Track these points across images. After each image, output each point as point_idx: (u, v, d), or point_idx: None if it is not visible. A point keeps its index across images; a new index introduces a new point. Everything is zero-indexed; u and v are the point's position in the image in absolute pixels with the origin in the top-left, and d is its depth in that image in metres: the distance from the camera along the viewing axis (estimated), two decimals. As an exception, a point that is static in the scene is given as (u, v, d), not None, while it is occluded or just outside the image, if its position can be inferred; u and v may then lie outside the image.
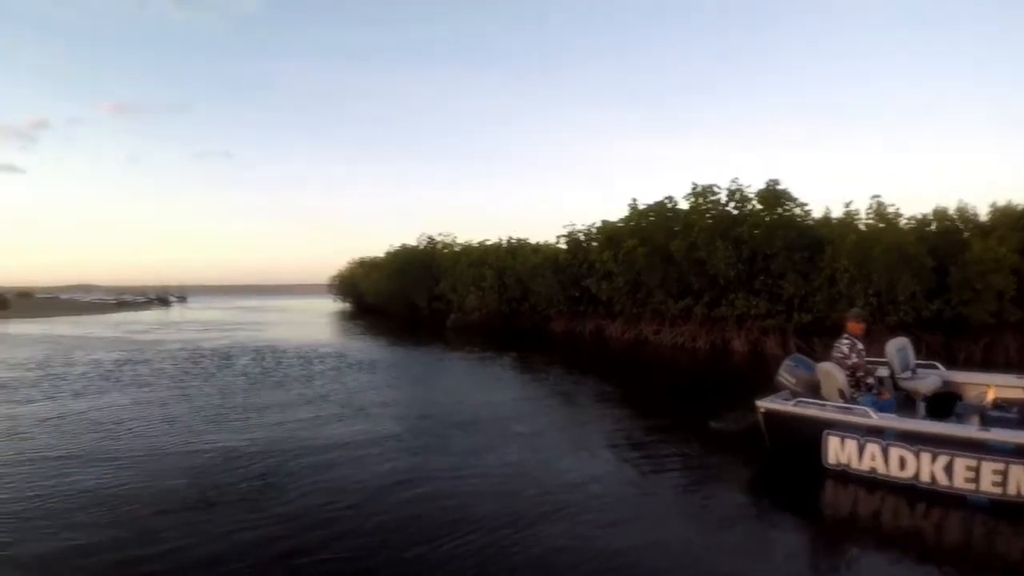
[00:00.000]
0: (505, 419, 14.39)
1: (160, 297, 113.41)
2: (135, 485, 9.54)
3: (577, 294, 37.04)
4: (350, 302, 76.70)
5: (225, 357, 26.19)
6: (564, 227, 40.31)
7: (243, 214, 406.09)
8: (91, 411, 15.41)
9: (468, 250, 49.95)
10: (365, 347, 31.91)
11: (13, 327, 49.54)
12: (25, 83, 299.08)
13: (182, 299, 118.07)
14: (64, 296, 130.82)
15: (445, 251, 53.46)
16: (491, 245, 48.41)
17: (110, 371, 22.11)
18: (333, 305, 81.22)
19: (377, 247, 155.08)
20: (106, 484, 9.58)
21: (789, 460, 10.10)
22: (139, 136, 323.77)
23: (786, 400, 10.29)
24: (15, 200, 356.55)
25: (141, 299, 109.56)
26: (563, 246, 39.66)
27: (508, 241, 47.51)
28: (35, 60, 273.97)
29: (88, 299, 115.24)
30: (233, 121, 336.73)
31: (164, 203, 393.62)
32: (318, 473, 10.03)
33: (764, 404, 10.37)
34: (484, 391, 18.84)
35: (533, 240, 45.83)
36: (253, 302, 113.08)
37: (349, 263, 78.21)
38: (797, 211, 27.29)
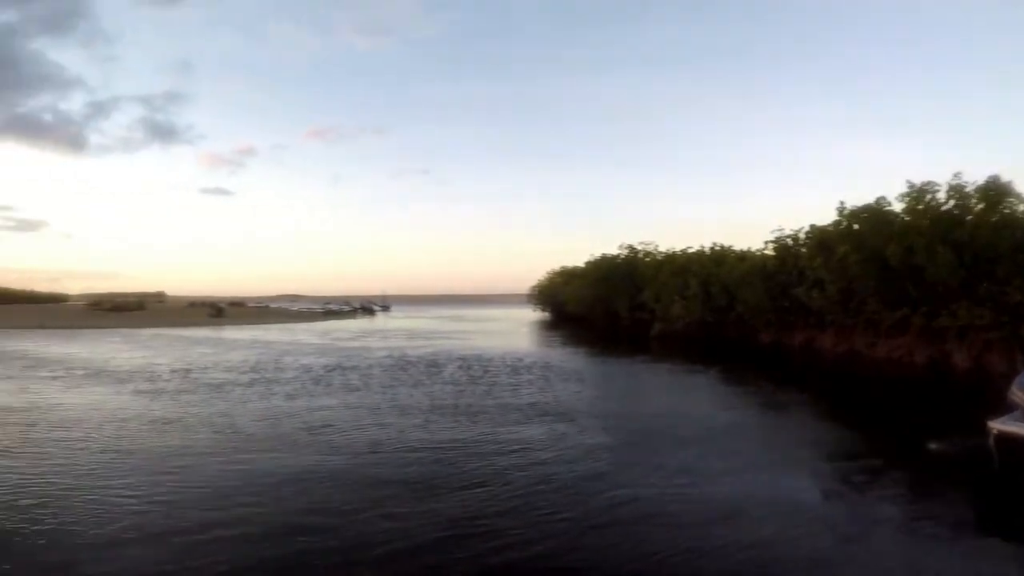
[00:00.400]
0: (714, 434, 14.83)
1: (364, 306, 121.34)
2: (354, 481, 10.95)
3: (786, 304, 36.75)
4: (549, 311, 78.91)
5: (432, 365, 28.26)
6: (772, 232, 40.25)
7: (441, 227, 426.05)
8: (303, 412, 17.47)
9: (671, 258, 50.66)
10: (568, 357, 33.40)
11: (227, 333, 56.12)
12: (233, 117, 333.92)
13: (385, 308, 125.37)
14: (274, 305, 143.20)
15: (647, 259, 54.50)
16: (694, 253, 48.90)
17: (320, 376, 24.74)
18: (533, 315, 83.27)
19: (574, 257, 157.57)
20: (332, 478, 11.21)
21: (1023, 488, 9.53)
22: (340, 158, 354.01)
23: (1021, 421, 9.77)
24: (227, 220, 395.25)
25: (346, 308, 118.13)
26: (771, 252, 39.55)
27: (712, 248, 48.05)
28: (240, 96, 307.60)
29: (296, 308, 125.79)
30: (428, 139, 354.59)
31: (365, 218, 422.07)
32: (529, 482, 10.65)
33: (997, 425, 9.89)
34: (692, 405, 19.43)
35: (737, 247, 46.18)
36: (454, 311, 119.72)
37: (548, 273, 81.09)
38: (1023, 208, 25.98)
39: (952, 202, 27.84)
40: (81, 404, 18.75)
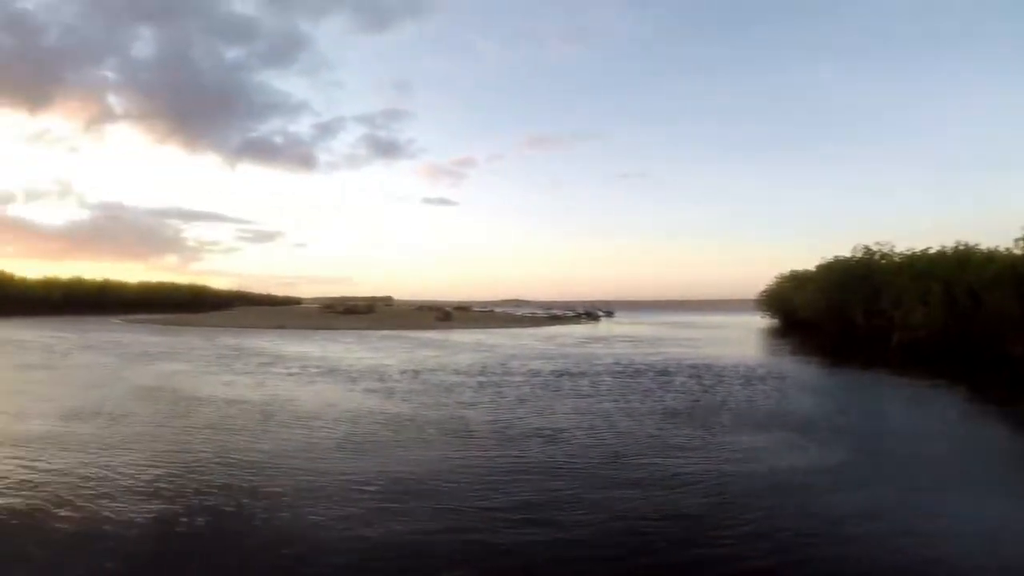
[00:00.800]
0: (969, 460, 13.61)
1: (588, 312, 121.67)
2: (592, 487, 10.51)
3: (1043, 311, 32.06)
4: (778, 318, 76.10)
5: (662, 373, 27.29)
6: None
7: (661, 230, 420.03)
8: (533, 415, 17.27)
9: (912, 259, 47.21)
10: (801, 367, 31.52)
11: (456, 335, 57.85)
12: (451, 130, 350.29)
13: (609, 314, 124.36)
14: (498, 310, 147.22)
15: (883, 262, 51.04)
16: (935, 253, 45.25)
17: (548, 381, 24.48)
18: (760, 321, 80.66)
19: (804, 259, 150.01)
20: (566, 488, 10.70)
21: None
22: (557, 165, 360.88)
23: None
24: (450, 228, 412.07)
25: (570, 313, 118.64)
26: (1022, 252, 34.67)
27: (954, 248, 44.13)
28: (456, 110, 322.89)
29: (520, 313, 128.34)
30: (645, 142, 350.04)
31: (583, 224, 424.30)
32: (768, 500, 10.14)
33: None
34: (938, 423, 17.91)
35: (984, 246, 41.98)
36: (677, 318, 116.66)
37: (777, 277, 77.86)
38: None
39: None
40: (316, 400, 19.79)
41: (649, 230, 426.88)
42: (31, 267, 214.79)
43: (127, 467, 11.72)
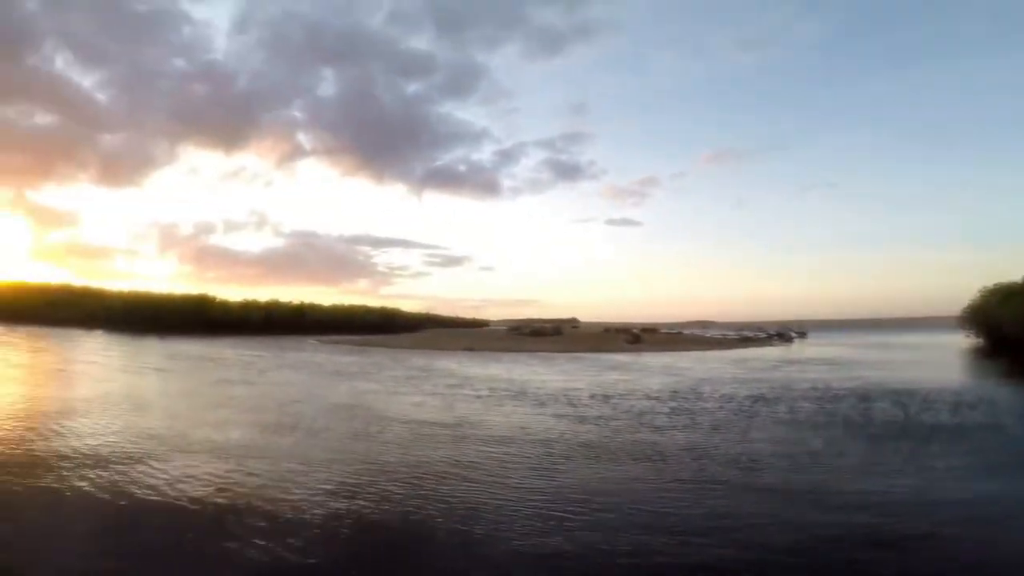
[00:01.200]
0: None
1: (780, 333, 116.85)
2: (796, 530, 10.18)
3: None
4: (983, 336, 70.25)
5: (863, 399, 25.98)
6: None
7: (853, 243, 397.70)
8: (729, 444, 16.88)
9: None
10: (1016, 395, 29.12)
11: (645, 358, 56.98)
12: (631, 150, 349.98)
13: (802, 335, 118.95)
14: (686, 332, 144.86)
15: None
16: None
17: (743, 407, 23.78)
18: (963, 340, 74.52)
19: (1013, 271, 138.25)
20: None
21: None
22: (740, 180, 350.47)
23: None
24: (634, 248, 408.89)
25: (761, 335, 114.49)
26: None
27: None
28: (636, 129, 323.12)
29: (709, 335, 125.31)
30: (833, 150, 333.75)
31: (771, 240, 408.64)
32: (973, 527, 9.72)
33: None
34: None
35: None
36: (872, 338, 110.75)
37: (981, 291, 72.23)
38: None
39: None
40: (507, 422, 20.16)
41: (840, 244, 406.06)
42: (232, 291, 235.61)
43: (324, 478, 12.68)
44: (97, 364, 38.52)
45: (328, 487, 12.12)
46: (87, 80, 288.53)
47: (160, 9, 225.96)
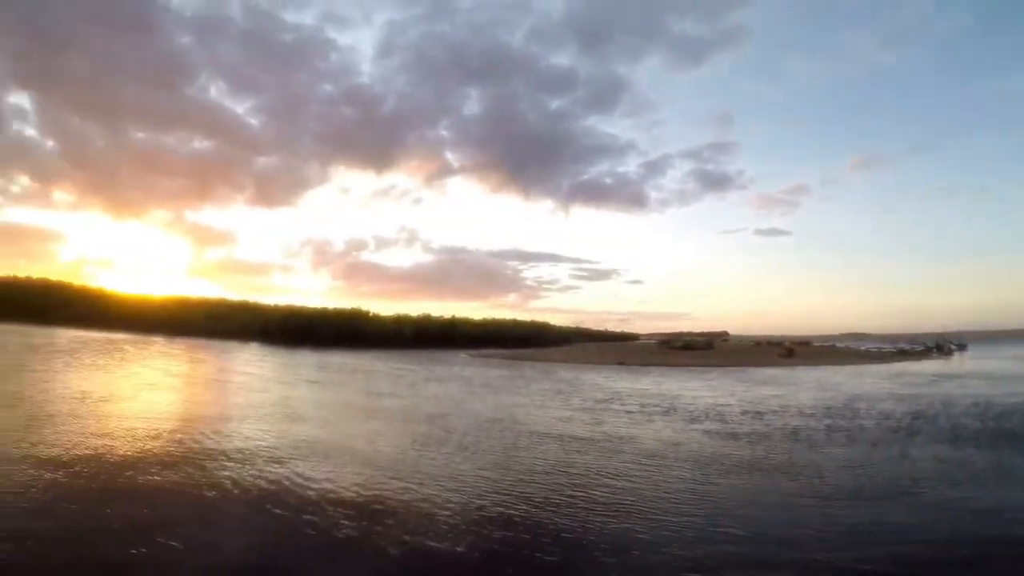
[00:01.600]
0: None
1: (938, 345, 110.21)
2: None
3: None
4: None
5: None
6: None
7: (1009, 248, 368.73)
8: (888, 463, 16.48)
9: None
10: None
11: (799, 372, 55.68)
12: (778, 157, 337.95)
13: (961, 347, 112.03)
14: (839, 345, 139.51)
15: None
16: None
17: (901, 424, 23.08)
18: None
19: None
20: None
21: None
22: (887, 184, 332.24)
23: None
24: (783, 259, 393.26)
25: (918, 348, 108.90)
26: None
27: None
28: (781, 136, 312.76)
29: (863, 348, 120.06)
30: (981, 152, 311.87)
31: (924, 246, 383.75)
32: None
33: None
34: None
35: None
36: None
37: None
38: None
39: None
40: (657, 439, 20.04)
41: (996, 249, 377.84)
42: (383, 305, 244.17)
43: (478, 495, 12.92)
44: (252, 374, 40.71)
45: (478, 500, 12.56)
46: (240, 107, 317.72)
47: (306, 38, 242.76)
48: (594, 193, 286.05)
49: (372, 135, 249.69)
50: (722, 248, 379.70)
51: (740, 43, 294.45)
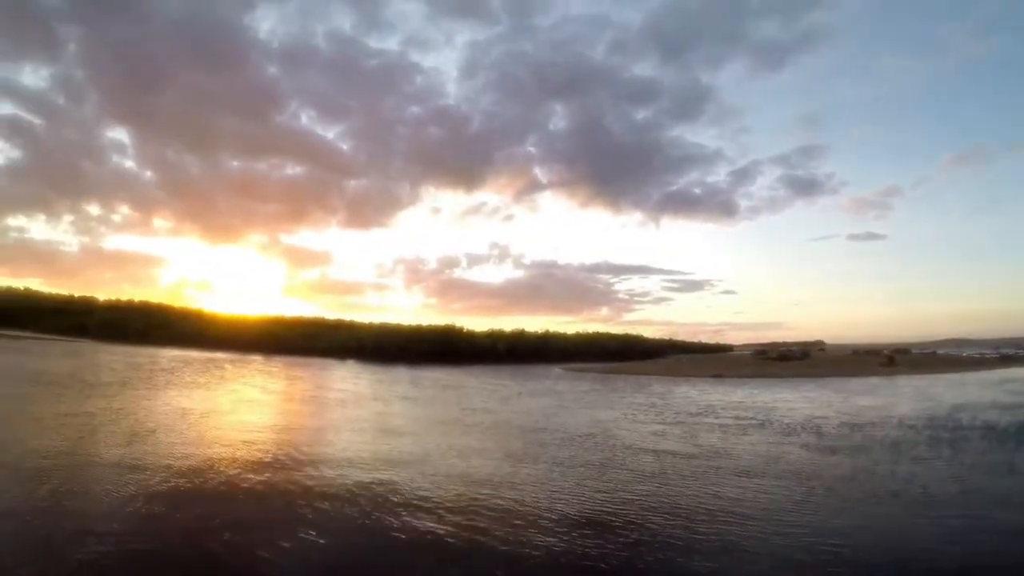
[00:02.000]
0: None
1: None
2: None
3: None
4: None
5: None
6: None
7: None
8: (997, 480, 15.89)
9: None
10: None
11: (898, 382, 54.16)
12: (869, 159, 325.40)
13: None
14: (939, 352, 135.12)
15: None
16: None
17: (1007, 435, 22.36)
18: None
19: None
20: None
21: None
22: (987, 181, 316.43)
23: None
24: (878, 264, 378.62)
25: (1023, 352, 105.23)
26: None
27: None
28: (872, 137, 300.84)
29: (964, 354, 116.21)
30: None
31: (1022, 246, 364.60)
32: None
33: None
34: None
35: None
36: None
37: None
38: None
39: None
40: (752, 454, 19.57)
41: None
42: (475, 321, 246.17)
43: (576, 509, 12.90)
44: (348, 391, 41.36)
45: (575, 514, 12.53)
46: (331, 132, 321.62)
47: (391, 63, 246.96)
48: (684, 204, 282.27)
49: (460, 154, 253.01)
50: (815, 255, 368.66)
51: (824, 43, 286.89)
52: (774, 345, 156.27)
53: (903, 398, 38.89)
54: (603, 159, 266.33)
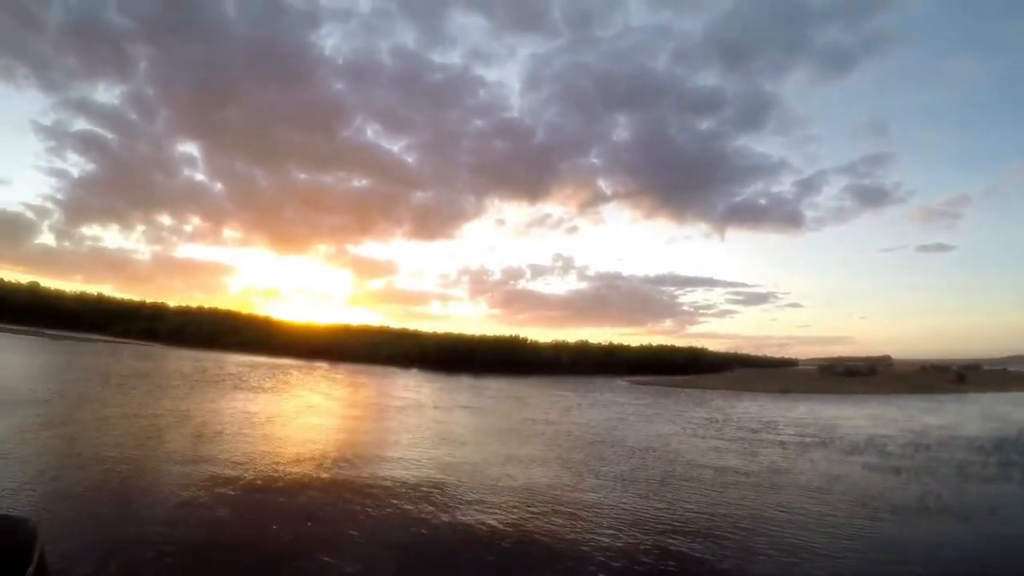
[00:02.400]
0: None
1: None
2: None
3: None
4: None
5: None
6: None
7: None
8: None
9: None
10: None
11: (967, 400, 52.76)
12: (938, 167, 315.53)
13: None
14: (1011, 368, 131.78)
15: None
16: None
17: None
18: None
19: None
20: None
21: None
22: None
23: None
24: (948, 276, 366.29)
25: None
26: None
27: None
28: (940, 144, 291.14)
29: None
30: None
31: None
32: None
33: None
34: None
35: None
36: None
37: None
38: None
39: None
40: (813, 472, 19.07)
41: None
42: (540, 332, 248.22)
43: (634, 522, 12.64)
44: (411, 398, 41.46)
45: (633, 529, 12.38)
46: (396, 146, 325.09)
47: (455, 76, 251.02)
48: (749, 214, 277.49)
49: (525, 166, 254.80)
50: (883, 267, 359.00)
51: (889, 47, 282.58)
52: (840, 360, 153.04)
53: (969, 417, 37.89)
54: (667, 170, 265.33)
